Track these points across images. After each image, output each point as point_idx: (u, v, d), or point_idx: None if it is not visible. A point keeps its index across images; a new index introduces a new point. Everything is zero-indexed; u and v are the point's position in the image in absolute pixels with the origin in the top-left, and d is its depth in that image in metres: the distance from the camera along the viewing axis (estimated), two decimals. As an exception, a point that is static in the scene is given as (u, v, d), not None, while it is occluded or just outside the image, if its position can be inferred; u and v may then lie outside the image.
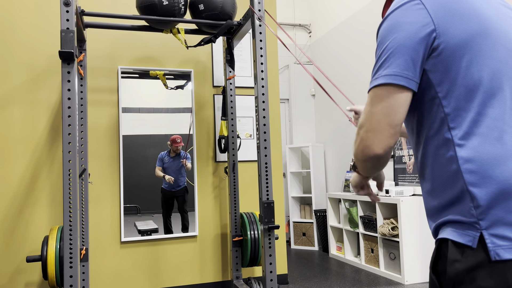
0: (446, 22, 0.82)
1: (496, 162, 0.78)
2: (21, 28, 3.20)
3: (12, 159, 3.12)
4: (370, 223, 4.16)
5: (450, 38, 0.82)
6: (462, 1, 0.84)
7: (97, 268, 3.26)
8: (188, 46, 3.04)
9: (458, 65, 0.82)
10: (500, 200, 0.77)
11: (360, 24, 4.97)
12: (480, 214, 0.78)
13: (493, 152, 0.79)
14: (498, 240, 0.75)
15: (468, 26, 0.82)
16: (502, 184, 0.77)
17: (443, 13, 0.82)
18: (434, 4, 0.84)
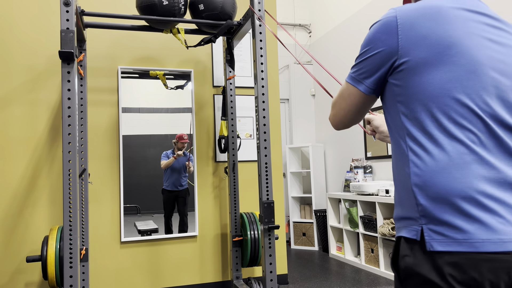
0: (411, 45, 0.96)
1: (436, 170, 0.92)
2: (21, 28, 3.20)
3: (12, 159, 3.12)
4: (370, 223, 4.16)
5: (412, 59, 0.95)
6: (433, 27, 0.95)
7: (97, 268, 3.26)
8: (188, 46, 3.04)
9: (415, 82, 0.95)
10: (438, 201, 0.91)
11: (360, 24, 4.97)
12: (421, 211, 0.93)
13: (435, 161, 0.92)
14: (434, 234, 0.89)
15: (431, 50, 0.94)
16: (439, 189, 0.91)
17: (411, 33, 0.96)
18: (407, 24, 0.97)
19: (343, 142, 5.33)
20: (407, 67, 0.96)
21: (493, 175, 0.90)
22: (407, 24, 0.96)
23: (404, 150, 0.98)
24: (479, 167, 0.90)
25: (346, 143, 5.26)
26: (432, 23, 0.95)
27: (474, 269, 0.85)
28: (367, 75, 1.04)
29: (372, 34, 1.02)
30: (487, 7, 1.02)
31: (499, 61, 0.95)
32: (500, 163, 0.91)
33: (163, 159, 3.45)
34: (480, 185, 0.89)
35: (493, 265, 0.85)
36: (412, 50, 0.95)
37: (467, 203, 0.89)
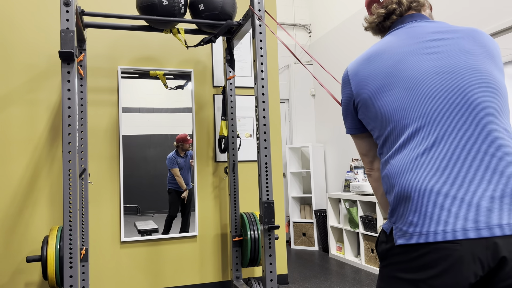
0: (359, 87, 1.18)
1: (395, 176, 1.07)
2: (21, 28, 3.20)
3: (12, 159, 3.12)
4: (370, 223, 4.16)
5: (363, 96, 1.17)
6: (368, 68, 1.17)
7: (97, 268, 3.26)
8: (188, 46, 3.04)
9: (370, 112, 1.15)
10: (398, 203, 1.07)
11: (360, 25, 4.97)
12: (390, 212, 1.10)
13: (394, 169, 1.08)
14: (397, 231, 1.05)
15: (372, 85, 1.14)
16: (397, 192, 1.07)
17: (357, 81, 1.19)
18: (353, 75, 1.21)
19: (343, 142, 5.33)
20: (363, 103, 1.17)
21: (440, 174, 1.02)
22: (353, 72, 1.20)
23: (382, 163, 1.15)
24: (433, 165, 1.03)
25: (346, 143, 5.26)
26: (369, 65, 1.17)
27: (425, 257, 0.99)
28: (345, 119, 1.28)
29: (341, 89, 1.30)
30: (428, 25, 1.17)
31: (439, 67, 1.09)
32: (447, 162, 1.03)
33: (174, 166, 3.46)
34: (429, 182, 1.02)
35: (440, 254, 0.98)
36: (361, 89, 1.17)
37: (420, 200, 1.02)
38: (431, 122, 1.04)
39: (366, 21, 1.33)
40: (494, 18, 3.31)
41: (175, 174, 3.46)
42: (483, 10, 3.41)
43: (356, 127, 1.25)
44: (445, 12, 3.77)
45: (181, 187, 3.48)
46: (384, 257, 1.11)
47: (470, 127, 1.02)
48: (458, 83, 1.04)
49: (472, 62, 1.06)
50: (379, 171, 1.23)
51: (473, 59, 1.07)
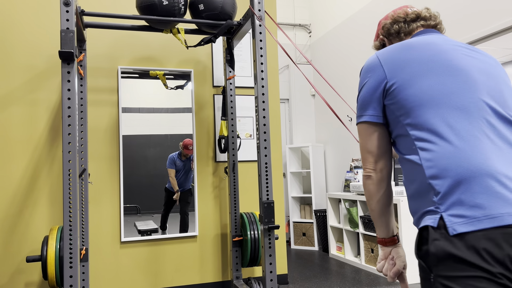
0: (394, 70, 1.16)
1: (454, 158, 1.01)
2: (21, 28, 3.20)
3: (12, 159, 3.12)
4: (370, 223, 4.16)
5: (398, 80, 1.14)
6: (405, 55, 1.16)
7: (97, 268, 3.26)
8: (188, 46, 3.04)
9: (407, 96, 1.12)
10: (456, 186, 0.99)
11: (360, 24, 4.97)
12: (440, 199, 1.01)
13: (447, 151, 1.03)
14: (454, 219, 0.96)
15: (413, 68, 1.13)
16: (458, 173, 1.00)
17: (392, 65, 1.17)
18: (386, 60, 1.19)
19: (343, 142, 5.33)
20: (398, 85, 1.14)
21: (503, 156, 1.01)
22: (385, 57, 1.19)
23: (413, 155, 1.09)
24: (492, 150, 1.01)
25: (346, 143, 5.26)
26: (406, 52, 1.17)
27: (497, 244, 0.91)
28: (365, 106, 1.21)
29: (362, 74, 1.24)
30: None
31: (477, 66, 1.13)
32: (505, 146, 1.03)
33: (171, 167, 3.46)
34: (495, 165, 0.99)
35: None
36: (397, 72, 1.15)
37: (484, 181, 0.97)
38: (483, 109, 1.06)
39: (392, 17, 1.37)
40: (494, 18, 3.31)
41: (169, 174, 3.46)
42: (483, 10, 3.41)
43: (379, 115, 1.20)
44: (446, 11, 3.77)
45: (174, 188, 3.48)
46: (442, 257, 0.96)
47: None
48: (498, 86, 1.13)
49: (501, 79, 1.16)
50: (381, 173, 1.19)
51: (501, 77, 1.17)
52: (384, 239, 1.26)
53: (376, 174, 1.20)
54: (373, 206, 1.22)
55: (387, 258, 1.27)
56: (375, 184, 1.20)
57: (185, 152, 3.50)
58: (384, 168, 1.19)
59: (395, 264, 1.25)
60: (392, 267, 1.25)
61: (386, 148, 1.20)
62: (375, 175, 1.20)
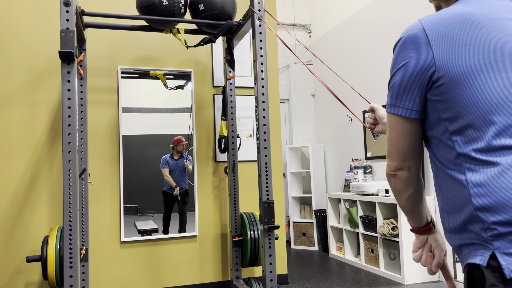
0: (449, 55, 0.86)
1: (507, 187, 0.81)
2: (21, 28, 3.20)
3: (12, 159, 3.12)
4: (370, 223, 4.16)
5: (452, 70, 0.86)
6: (472, 30, 0.86)
7: (97, 268, 3.26)
8: (188, 46, 3.04)
9: (461, 96, 0.86)
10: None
11: (360, 24, 4.98)
12: (492, 235, 0.82)
13: (509, 179, 0.81)
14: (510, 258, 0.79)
15: (473, 59, 0.85)
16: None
17: (446, 44, 0.87)
18: (438, 35, 0.88)
19: (343, 142, 5.33)
20: (451, 78, 0.86)
21: None
22: (437, 31, 0.88)
23: (457, 172, 0.89)
24: None
25: (346, 143, 5.26)
26: (468, 30, 0.86)
27: None
28: (401, 95, 0.94)
29: (399, 50, 0.94)
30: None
31: None
32: None
33: (165, 167, 3.46)
34: None
35: None
36: (453, 59, 0.86)
37: None
38: None
39: None
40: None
41: (164, 174, 3.45)
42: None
43: (418, 109, 0.94)
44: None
45: (171, 186, 3.48)
46: None
47: None
48: None
49: None
50: (410, 171, 0.99)
51: None
52: (418, 228, 1.10)
53: (404, 172, 0.99)
54: (402, 203, 1.05)
55: (424, 246, 1.11)
56: (403, 183, 1.01)
57: (179, 147, 3.49)
58: (413, 166, 0.98)
59: (434, 256, 1.10)
60: (432, 259, 1.09)
61: (418, 146, 0.98)
62: (402, 174, 0.99)
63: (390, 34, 4.43)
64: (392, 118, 0.97)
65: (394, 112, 0.96)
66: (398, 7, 4.31)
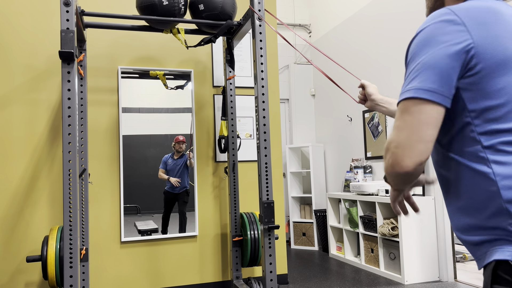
0: (485, 42, 0.83)
1: None
2: (21, 28, 3.20)
3: (12, 159, 3.12)
4: (370, 223, 4.16)
5: (489, 58, 0.83)
6: (503, 22, 0.85)
7: (97, 268, 3.26)
8: (188, 46, 3.04)
9: (495, 86, 0.83)
10: None
11: (360, 24, 4.98)
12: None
13: None
14: None
15: (508, 49, 0.83)
16: None
17: (482, 32, 0.84)
18: (473, 23, 0.85)
19: (343, 142, 5.33)
20: (484, 67, 0.83)
21: None
22: (473, 21, 0.85)
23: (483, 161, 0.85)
24: None
25: (346, 143, 5.26)
26: (500, 22, 0.85)
27: None
28: (439, 81, 0.84)
29: (431, 33, 0.87)
30: None
31: None
32: None
33: (161, 167, 3.45)
34: None
35: None
36: (493, 45, 0.83)
37: None
38: None
39: None
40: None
41: (159, 173, 3.45)
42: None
43: (450, 96, 0.86)
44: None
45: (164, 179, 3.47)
46: None
47: None
48: None
49: None
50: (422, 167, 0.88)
51: None
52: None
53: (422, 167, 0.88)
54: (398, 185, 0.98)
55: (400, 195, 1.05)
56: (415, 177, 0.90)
57: (178, 146, 3.48)
58: (425, 162, 0.87)
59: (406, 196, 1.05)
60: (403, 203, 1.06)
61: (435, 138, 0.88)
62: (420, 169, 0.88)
63: (390, 34, 4.43)
64: (418, 105, 0.84)
65: (422, 96, 0.84)
66: (398, 7, 4.31)
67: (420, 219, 3.75)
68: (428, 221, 3.77)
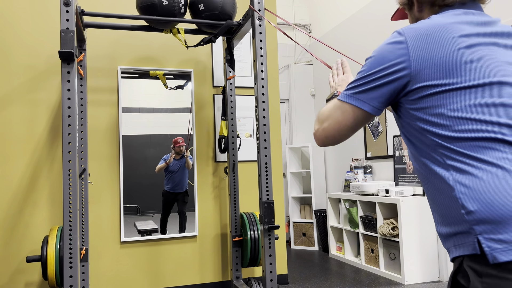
0: (423, 66, 0.91)
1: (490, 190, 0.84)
2: (21, 28, 3.20)
3: (12, 159, 3.12)
4: (370, 223, 4.16)
5: (426, 80, 0.91)
6: (445, 46, 0.91)
7: (97, 268, 3.26)
8: (188, 46, 3.04)
9: (439, 101, 0.90)
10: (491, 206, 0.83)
11: (360, 24, 4.97)
12: (474, 219, 0.84)
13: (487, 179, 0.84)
14: (494, 243, 0.80)
15: (446, 69, 0.90)
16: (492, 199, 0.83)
17: (423, 56, 0.92)
18: (417, 46, 0.93)
19: (343, 142, 5.33)
20: (423, 87, 0.93)
21: None
22: (416, 44, 0.93)
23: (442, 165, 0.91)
24: None
25: (346, 143, 5.26)
26: (440, 44, 0.92)
27: None
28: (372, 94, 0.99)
29: (376, 56, 0.99)
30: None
31: None
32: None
33: (161, 163, 3.45)
34: None
35: None
36: (426, 70, 0.92)
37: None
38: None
39: None
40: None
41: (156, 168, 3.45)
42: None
43: (375, 105, 1.05)
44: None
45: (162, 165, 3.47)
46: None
47: None
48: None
49: None
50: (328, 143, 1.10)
51: None
52: None
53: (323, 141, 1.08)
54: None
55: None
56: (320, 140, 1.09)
57: (177, 148, 3.48)
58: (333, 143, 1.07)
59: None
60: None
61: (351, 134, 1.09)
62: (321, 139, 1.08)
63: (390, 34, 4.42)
64: (345, 105, 1.04)
65: (348, 101, 1.03)
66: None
67: (420, 219, 3.75)
68: (428, 221, 3.77)
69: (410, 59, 0.92)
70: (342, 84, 1.35)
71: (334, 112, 1.04)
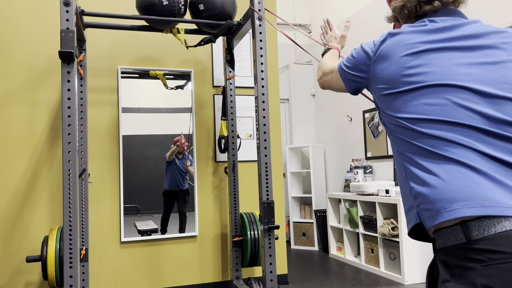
0: (377, 76, 1.09)
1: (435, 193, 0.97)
2: (21, 28, 3.20)
3: (12, 159, 3.12)
4: (370, 223, 4.16)
5: (378, 84, 1.09)
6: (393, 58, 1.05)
7: (97, 268, 3.26)
8: (188, 46, 3.04)
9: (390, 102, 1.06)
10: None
11: (359, 24, 4.97)
12: (414, 194, 1.01)
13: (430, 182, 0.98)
14: (424, 212, 0.97)
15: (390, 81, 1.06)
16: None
17: (378, 71, 1.10)
18: (380, 57, 1.09)
19: (343, 142, 5.33)
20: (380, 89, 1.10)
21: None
22: (381, 54, 1.09)
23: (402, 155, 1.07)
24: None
25: (346, 143, 5.26)
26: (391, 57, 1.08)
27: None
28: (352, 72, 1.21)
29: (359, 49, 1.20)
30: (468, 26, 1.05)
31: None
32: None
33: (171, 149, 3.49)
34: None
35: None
36: (380, 74, 1.08)
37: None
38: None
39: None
40: (495, 19, 3.30)
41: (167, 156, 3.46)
42: (482, 11, 3.41)
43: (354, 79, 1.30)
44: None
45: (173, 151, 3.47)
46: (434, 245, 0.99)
47: None
48: None
49: None
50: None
51: None
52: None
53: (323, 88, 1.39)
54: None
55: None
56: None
57: (180, 149, 3.49)
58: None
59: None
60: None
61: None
62: (321, 87, 1.39)
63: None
64: (336, 70, 1.30)
65: (339, 71, 1.29)
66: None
67: (420, 219, 3.74)
68: (428, 221, 3.77)
69: (370, 69, 1.11)
70: (331, 39, 1.64)
71: (331, 73, 1.31)
